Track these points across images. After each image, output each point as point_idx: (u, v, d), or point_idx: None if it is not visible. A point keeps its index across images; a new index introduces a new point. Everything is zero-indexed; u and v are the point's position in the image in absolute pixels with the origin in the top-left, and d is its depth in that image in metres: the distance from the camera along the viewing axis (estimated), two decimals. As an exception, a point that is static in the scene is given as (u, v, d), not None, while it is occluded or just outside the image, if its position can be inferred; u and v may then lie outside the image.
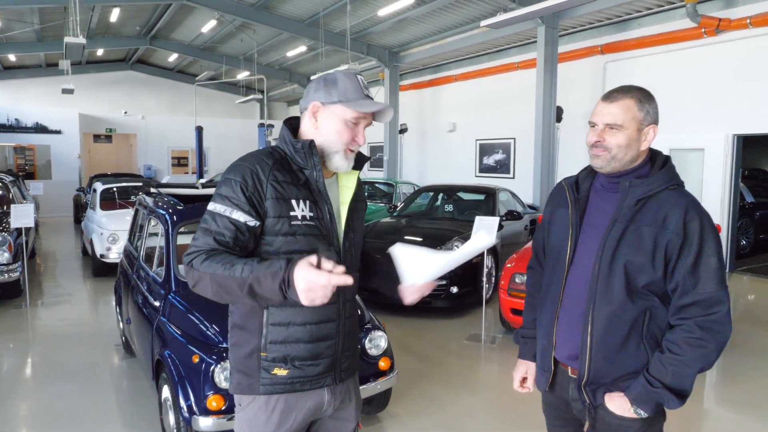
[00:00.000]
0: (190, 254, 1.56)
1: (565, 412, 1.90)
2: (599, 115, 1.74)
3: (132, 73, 22.44)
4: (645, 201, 1.69)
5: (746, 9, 8.41)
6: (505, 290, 5.28)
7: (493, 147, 13.79)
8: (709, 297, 1.62)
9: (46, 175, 17.18)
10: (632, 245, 1.67)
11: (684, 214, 1.64)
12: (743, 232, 9.83)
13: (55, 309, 6.66)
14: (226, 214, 1.58)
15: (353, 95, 1.67)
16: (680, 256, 1.64)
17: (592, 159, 1.77)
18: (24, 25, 14.99)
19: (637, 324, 1.69)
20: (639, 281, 1.67)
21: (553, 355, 1.85)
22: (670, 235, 1.64)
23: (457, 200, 8.67)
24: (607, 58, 10.66)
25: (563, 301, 1.80)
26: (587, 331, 1.72)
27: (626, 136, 1.71)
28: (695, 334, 1.62)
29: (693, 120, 9.22)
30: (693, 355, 1.62)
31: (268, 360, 1.69)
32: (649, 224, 1.66)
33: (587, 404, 1.77)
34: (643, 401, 1.66)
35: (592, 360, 1.72)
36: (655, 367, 1.65)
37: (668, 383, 1.63)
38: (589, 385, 1.75)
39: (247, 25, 15.12)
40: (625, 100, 1.71)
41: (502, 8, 10.06)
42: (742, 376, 4.70)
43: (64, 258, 9.97)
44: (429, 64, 15.62)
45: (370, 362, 3.48)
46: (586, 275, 1.74)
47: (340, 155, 1.70)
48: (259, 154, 1.69)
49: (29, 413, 4.00)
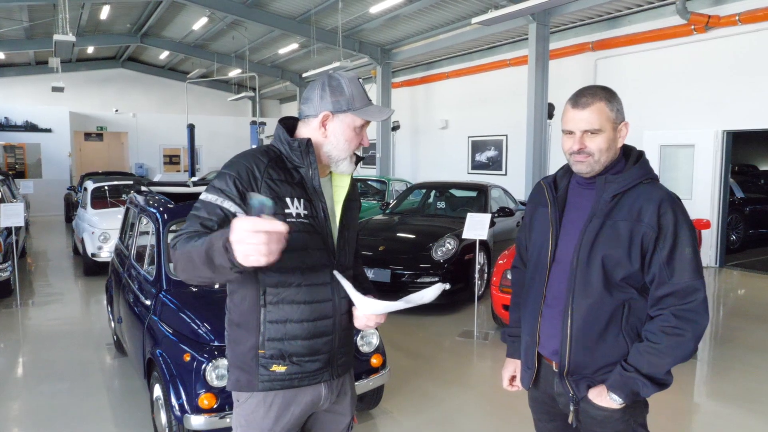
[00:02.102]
0: (175, 237, 1.57)
1: (551, 407, 1.92)
2: (573, 121, 1.75)
3: (123, 70, 22.31)
4: (621, 196, 1.73)
5: (735, 6, 8.48)
6: (497, 286, 5.30)
7: (486, 144, 13.83)
8: (685, 287, 1.65)
9: (36, 173, 17.05)
10: (609, 239, 1.70)
11: (658, 206, 1.67)
12: (733, 227, 9.91)
13: (46, 308, 6.62)
14: (216, 203, 1.59)
15: (360, 102, 1.71)
16: (656, 248, 1.67)
17: (574, 165, 1.79)
18: (13, 23, 14.85)
19: (615, 316, 1.72)
20: (617, 274, 1.70)
21: (537, 352, 1.87)
22: (645, 228, 1.67)
23: (450, 197, 8.69)
24: (598, 54, 10.71)
25: (546, 297, 1.83)
26: (567, 324, 1.76)
27: (605, 139, 1.73)
28: (671, 323, 1.65)
29: (683, 116, 9.28)
30: (669, 343, 1.65)
31: (266, 357, 1.70)
32: (625, 218, 1.69)
33: (571, 395, 1.79)
34: (617, 387, 1.69)
35: (572, 351, 1.75)
36: (633, 356, 1.69)
37: (644, 371, 1.66)
38: (571, 375, 1.78)
39: (239, 23, 15.06)
40: (596, 103, 1.72)
41: (494, 5, 10.08)
42: (731, 370, 4.75)
43: (54, 257, 9.91)
44: (421, 62, 15.62)
45: (362, 359, 3.49)
46: (566, 271, 1.77)
47: (348, 161, 1.75)
48: (255, 152, 1.70)
49: (20, 413, 3.98)
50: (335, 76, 1.73)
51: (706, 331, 5.79)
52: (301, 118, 1.78)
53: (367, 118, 1.71)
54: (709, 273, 8.55)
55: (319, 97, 1.71)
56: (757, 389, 4.35)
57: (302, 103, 1.78)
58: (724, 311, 6.73)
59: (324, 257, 1.72)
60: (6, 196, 8.99)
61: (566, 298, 1.76)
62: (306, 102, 1.75)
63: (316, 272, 1.70)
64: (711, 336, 5.69)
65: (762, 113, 8.24)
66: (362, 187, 11.53)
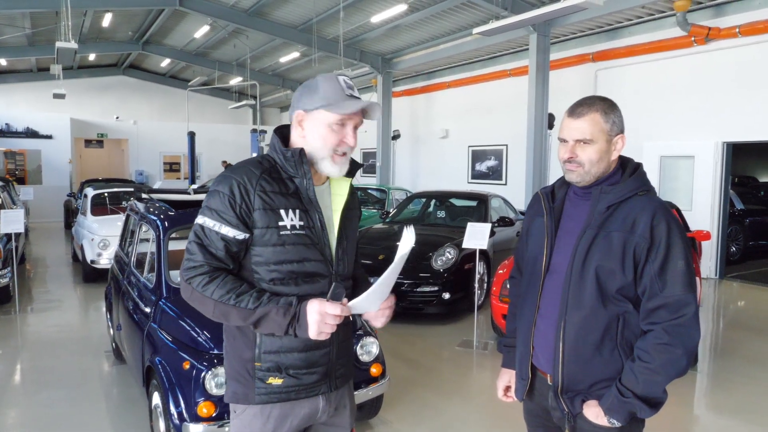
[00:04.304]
0: (189, 271, 1.62)
1: (545, 419, 1.91)
2: (567, 130, 1.77)
3: (124, 78, 22.37)
4: (615, 207, 1.72)
5: (735, 18, 8.53)
6: (496, 296, 5.29)
7: (486, 153, 13.86)
8: (676, 300, 1.63)
9: (36, 180, 17.05)
10: (603, 250, 1.69)
11: (651, 218, 1.67)
12: (733, 238, 9.91)
13: (45, 315, 6.60)
14: (215, 229, 1.61)
15: (334, 98, 1.66)
16: (647, 259, 1.65)
17: (566, 174, 1.81)
18: (15, 30, 14.92)
19: (610, 330, 1.70)
20: (611, 286, 1.69)
21: (531, 363, 1.86)
22: (638, 239, 1.66)
23: (450, 206, 8.69)
24: (599, 65, 10.77)
25: (540, 308, 1.83)
26: (560, 338, 1.74)
27: (597, 150, 1.73)
28: (663, 340, 1.63)
29: (683, 128, 9.31)
30: (662, 361, 1.63)
31: (262, 370, 1.69)
32: (618, 229, 1.69)
33: (566, 413, 1.78)
34: (615, 411, 1.67)
35: (564, 366, 1.74)
36: (627, 377, 1.67)
37: (639, 393, 1.64)
38: (566, 392, 1.76)
39: (240, 31, 15.13)
40: (591, 114, 1.73)
41: (495, 16, 10.13)
42: (731, 382, 4.73)
43: (54, 264, 9.89)
44: (422, 71, 15.69)
45: (362, 368, 3.47)
46: (560, 282, 1.77)
47: (327, 160, 1.69)
48: (248, 164, 1.69)
49: (18, 421, 3.96)
50: (315, 78, 1.72)
51: (706, 342, 5.79)
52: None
53: (339, 112, 1.65)
54: (709, 284, 8.54)
55: (296, 99, 1.72)
56: (758, 401, 4.34)
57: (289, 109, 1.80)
58: (724, 323, 6.72)
59: (321, 267, 1.70)
60: (6, 203, 8.98)
61: (560, 310, 1.75)
62: (291, 106, 1.76)
63: (313, 283, 1.69)
64: (711, 348, 5.67)
65: (762, 125, 8.27)
66: (362, 196, 11.54)
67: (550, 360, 1.78)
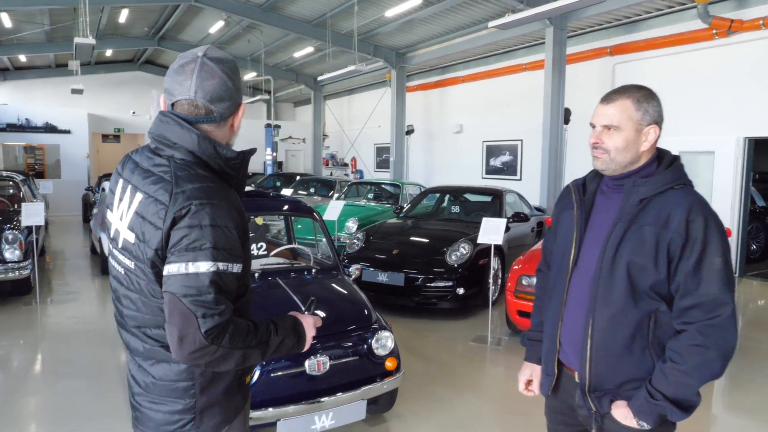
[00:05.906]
0: (215, 329, 1.33)
1: (569, 417, 1.86)
2: (597, 116, 1.74)
3: (140, 73, 22.57)
4: (649, 200, 1.65)
5: (759, 10, 8.35)
6: (511, 292, 5.26)
7: (500, 149, 13.76)
8: (711, 299, 1.55)
9: (55, 174, 17.28)
10: (634, 245, 1.62)
11: (687, 213, 1.59)
12: (753, 236, 9.73)
13: (64, 306, 6.70)
14: (231, 271, 1.39)
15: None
16: (682, 255, 1.58)
17: (593, 161, 1.77)
18: (34, 26, 15.11)
19: (641, 328, 1.63)
20: (642, 282, 1.62)
21: (557, 359, 1.82)
22: (672, 234, 1.58)
23: (464, 202, 8.65)
24: (617, 59, 10.62)
25: (567, 303, 1.78)
26: (588, 335, 1.69)
27: (623, 138, 1.68)
28: (696, 341, 1.55)
29: (703, 122, 9.15)
30: (694, 363, 1.55)
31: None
32: (651, 223, 1.61)
33: (593, 412, 1.73)
34: (645, 413, 1.61)
35: (592, 364, 1.69)
36: (657, 378, 1.60)
37: (670, 395, 1.58)
38: (594, 391, 1.71)
39: (255, 26, 15.17)
40: (622, 100, 1.68)
41: (510, 9, 10.04)
42: (750, 381, 4.66)
43: (73, 256, 10.04)
44: (436, 66, 15.61)
45: (377, 362, 3.47)
46: (589, 277, 1.72)
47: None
48: (223, 187, 1.46)
49: (38, 409, 4.03)
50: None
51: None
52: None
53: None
54: (727, 281, 8.40)
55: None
56: (778, 400, 4.27)
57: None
58: (743, 322, 6.61)
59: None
60: (27, 196, 9.12)
61: (588, 306, 1.70)
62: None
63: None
64: (730, 345, 5.58)
65: (784, 120, 8.11)
66: (376, 191, 11.54)
67: (577, 357, 1.73)
